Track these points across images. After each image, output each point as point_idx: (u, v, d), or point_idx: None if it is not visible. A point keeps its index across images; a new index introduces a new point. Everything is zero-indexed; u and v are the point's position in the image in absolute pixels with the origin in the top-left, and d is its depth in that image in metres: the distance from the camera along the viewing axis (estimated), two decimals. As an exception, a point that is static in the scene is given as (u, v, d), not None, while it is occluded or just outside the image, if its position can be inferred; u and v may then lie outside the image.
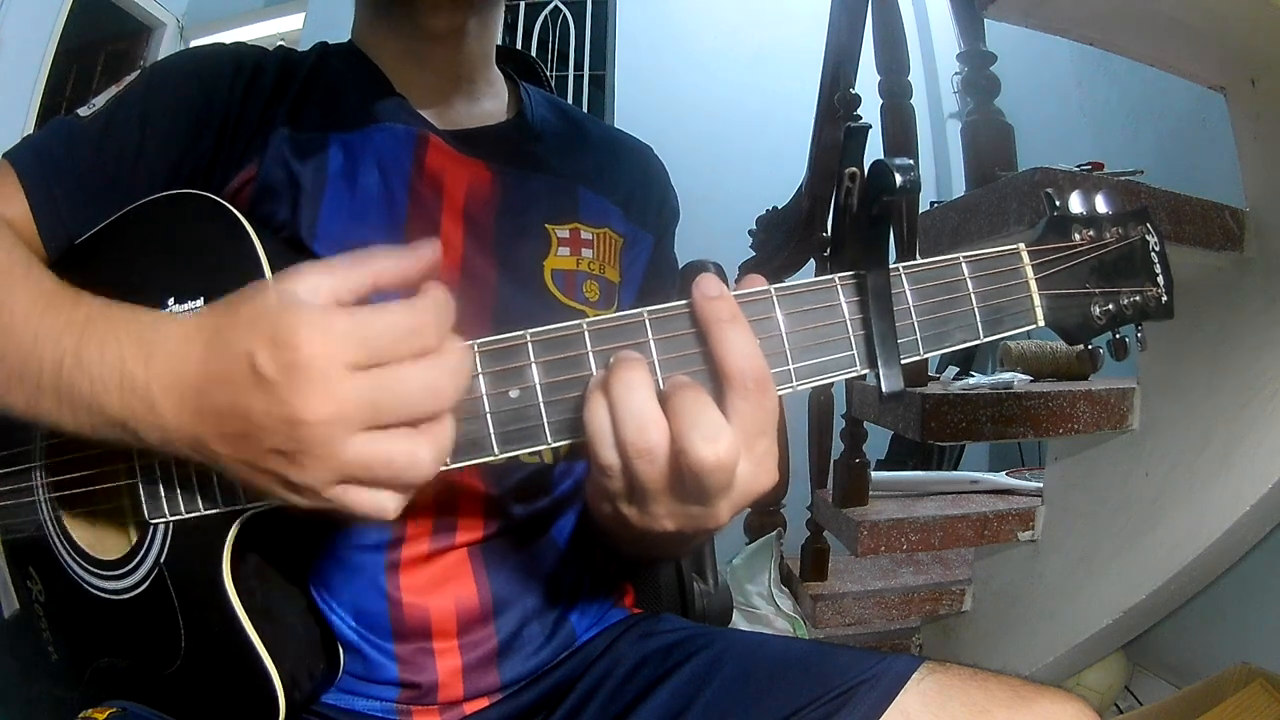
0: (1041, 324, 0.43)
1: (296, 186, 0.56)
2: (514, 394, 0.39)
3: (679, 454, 0.36)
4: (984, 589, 1.59)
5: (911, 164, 0.39)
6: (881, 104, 1.45)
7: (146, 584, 0.48)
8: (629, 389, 0.37)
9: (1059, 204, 0.45)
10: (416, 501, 0.37)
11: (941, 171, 3.11)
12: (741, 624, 1.53)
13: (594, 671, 0.58)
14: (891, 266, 0.41)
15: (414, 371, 0.34)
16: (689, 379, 0.38)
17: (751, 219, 1.90)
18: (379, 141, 0.58)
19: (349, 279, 0.36)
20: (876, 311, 0.40)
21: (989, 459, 2.49)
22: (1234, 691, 1.12)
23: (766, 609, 1.59)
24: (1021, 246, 0.43)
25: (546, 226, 0.61)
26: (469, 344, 0.39)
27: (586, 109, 3.32)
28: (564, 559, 0.61)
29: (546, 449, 0.42)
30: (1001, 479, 1.66)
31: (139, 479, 0.46)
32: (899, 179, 0.38)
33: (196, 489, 0.44)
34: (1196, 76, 1.22)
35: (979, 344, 0.43)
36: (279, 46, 0.63)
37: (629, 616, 0.64)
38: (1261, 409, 1.11)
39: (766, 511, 1.78)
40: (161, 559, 0.47)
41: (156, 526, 0.47)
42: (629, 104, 3.32)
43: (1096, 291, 0.44)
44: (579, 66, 3.48)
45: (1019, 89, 2.09)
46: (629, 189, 0.68)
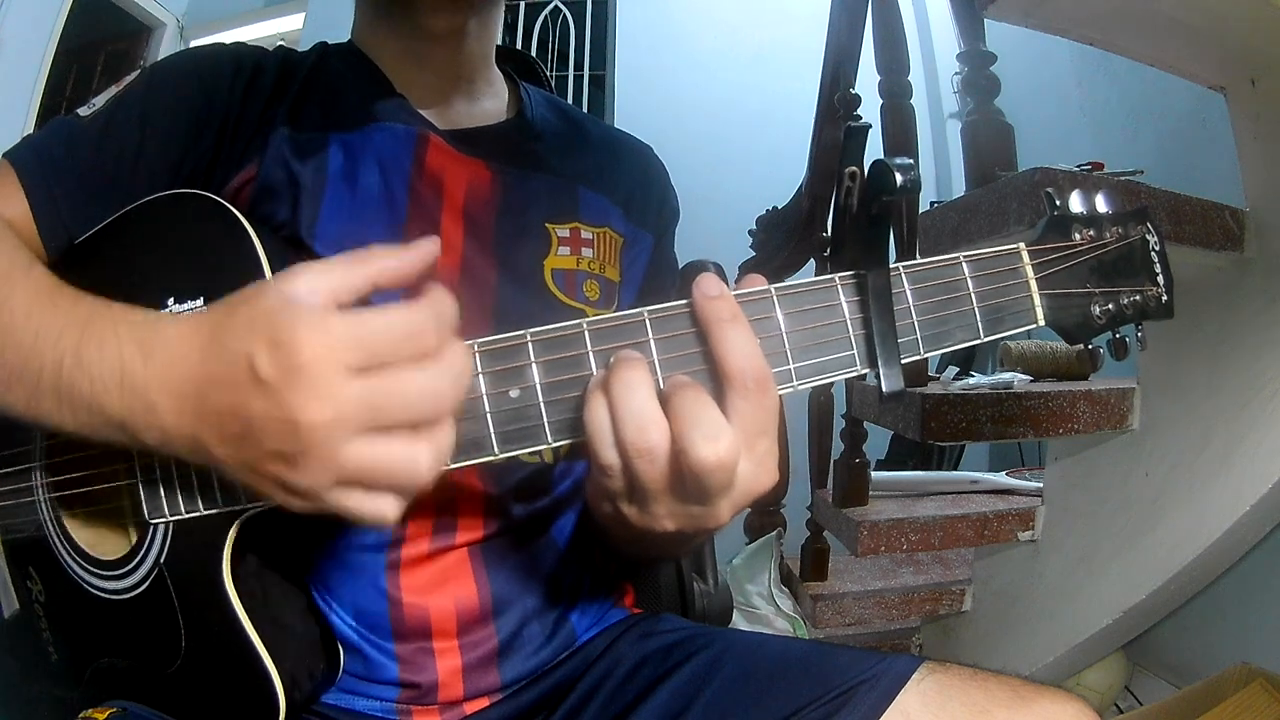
0: (1042, 324, 0.43)
1: (296, 186, 0.56)
2: (514, 394, 0.39)
3: (679, 454, 0.36)
4: (984, 589, 1.59)
5: (912, 164, 0.39)
6: (881, 104, 1.45)
7: (146, 584, 0.48)
8: (629, 388, 0.37)
9: (1059, 204, 0.45)
10: (417, 501, 0.37)
11: (941, 171, 3.11)
12: (741, 624, 1.53)
13: (594, 671, 0.58)
14: (891, 266, 0.41)
15: (413, 375, 0.34)
16: (689, 379, 0.38)
17: (751, 219, 1.90)
18: (379, 141, 0.58)
19: (348, 279, 0.36)
20: (877, 311, 0.40)
21: (989, 459, 2.49)
22: (1234, 691, 1.12)
23: (766, 609, 1.59)
24: (1022, 246, 0.43)
25: (547, 226, 0.61)
26: (469, 343, 0.39)
27: (586, 109, 3.32)
28: (564, 559, 0.61)
29: (547, 449, 0.42)
30: (1001, 479, 1.65)
31: (139, 479, 0.46)
32: (899, 179, 0.38)
33: (196, 489, 0.44)
34: (1196, 76, 1.22)
35: (979, 344, 0.43)
36: (279, 46, 0.63)
37: (629, 616, 0.64)
38: (1261, 409, 1.11)
39: (766, 511, 1.78)
40: (161, 559, 0.47)
41: (156, 526, 0.47)
42: (629, 104, 3.32)
43: (1096, 291, 0.44)
44: (579, 66, 3.48)
45: (1019, 89, 2.09)
46: (629, 189, 0.68)
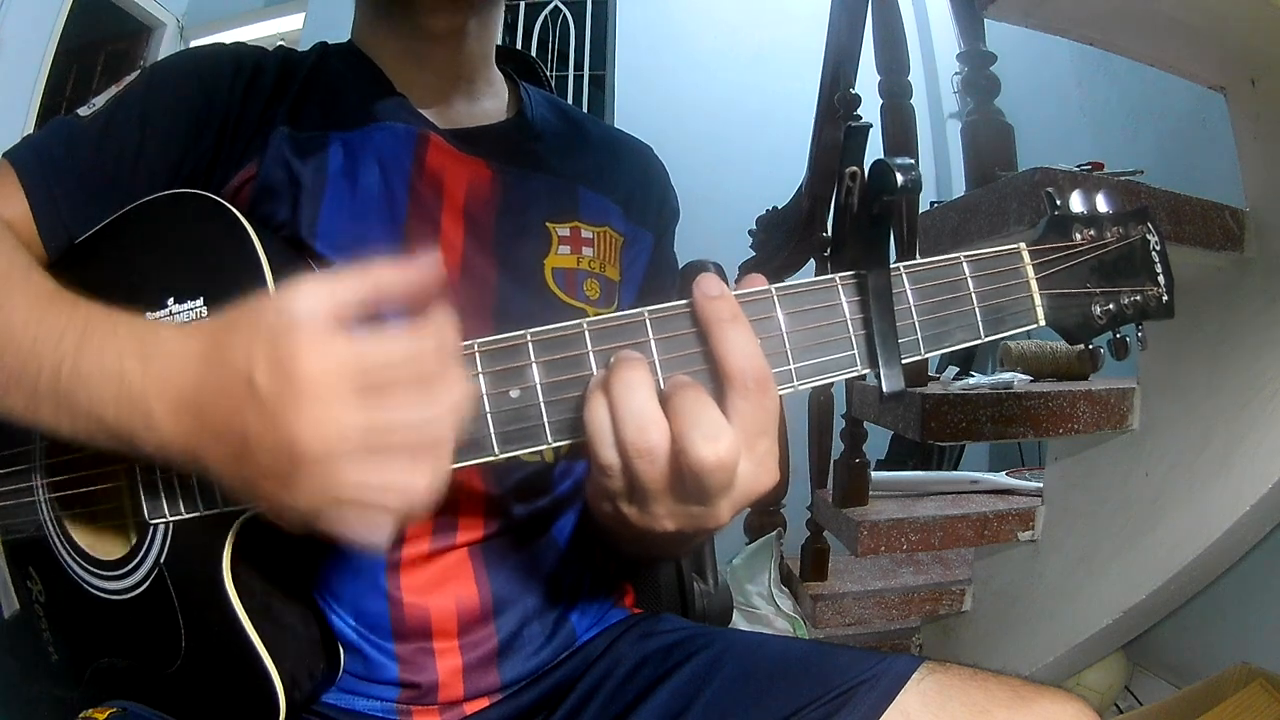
0: (1042, 323, 0.43)
1: (297, 185, 0.55)
2: (514, 394, 0.39)
3: (679, 454, 0.36)
4: (984, 589, 1.59)
5: (912, 163, 0.39)
6: (881, 104, 1.45)
7: (146, 584, 0.48)
8: (629, 388, 0.37)
9: (1059, 203, 0.45)
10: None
11: (941, 171, 3.11)
12: (741, 624, 1.52)
13: (594, 671, 0.58)
14: (892, 266, 0.41)
15: (413, 400, 0.34)
16: (689, 379, 0.38)
17: (751, 219, 1.90)
18: (379, 140, 0.58)
19: (351, 294, 0.35)
20: (877, 311, 0.40)
21: (989, 459, 2.49)
22: (1234, 691, 1.12)
23: (766, 609, 1.59)
24: (1022, 246, 0.43)
25: (547, 225, 0.61)
26: (469, 343, 0.39)
27: (586, 109, 3.32)
28: (564, 559, 0.61)
29: (547, 449, 0.42)
30: (1001, 479, 1.65)
31: (139, 480, 0.46)
32: (900, 178, 0.38)
33: (196, 490, 0.44)
34: (1196, 76, 1.22)
35: (979, 344, 0.43)
36: (279, 46, 0.63)
37: (629, 616, 0.64)
38: (1261, 409, 1.11)
39: (766, 511, 1.78)
40: (161, 559, 0.47)
41: (156, 527, 0.47)
42: (629, 104, 3.32)
43: (1097, 291, 0.44)
44: (579, 66, 3.48)
45: (1019, 89, 2.09)
46: (629, 188, 0.68)
